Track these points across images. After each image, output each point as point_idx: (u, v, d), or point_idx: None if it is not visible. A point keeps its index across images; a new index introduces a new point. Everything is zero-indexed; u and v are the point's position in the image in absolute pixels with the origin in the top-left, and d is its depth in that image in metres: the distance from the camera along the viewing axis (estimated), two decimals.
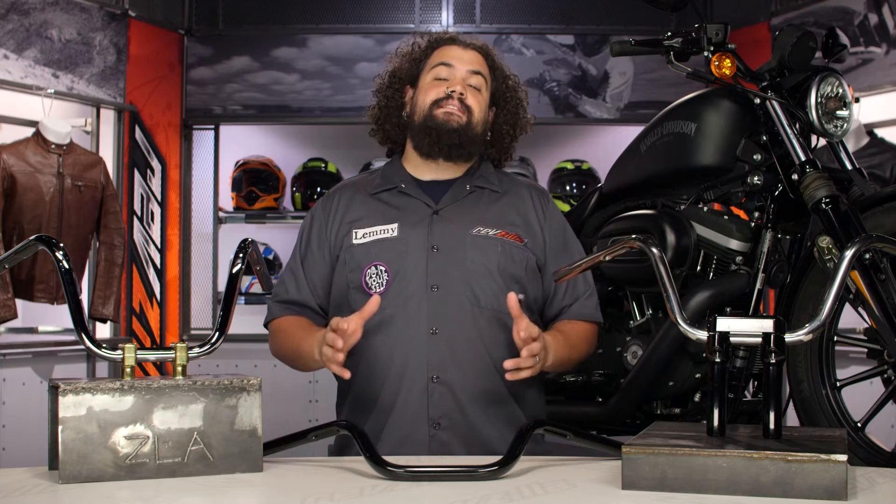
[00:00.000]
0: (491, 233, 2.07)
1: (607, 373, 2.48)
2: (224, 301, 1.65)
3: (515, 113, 2.21)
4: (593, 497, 1.37)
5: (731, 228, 2.28)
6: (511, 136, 2.22)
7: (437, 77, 2.13)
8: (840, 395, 2.10)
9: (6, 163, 4.01)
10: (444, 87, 2.11)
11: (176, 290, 5.26)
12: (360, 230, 2.08)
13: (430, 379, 1.98)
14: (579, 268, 1.83)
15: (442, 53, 2.16)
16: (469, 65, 2.14)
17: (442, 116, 2.08)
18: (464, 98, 2.09)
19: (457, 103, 2.09)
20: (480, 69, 2.15)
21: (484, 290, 2.02)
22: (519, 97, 2.22)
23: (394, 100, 2.19)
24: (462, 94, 2.09)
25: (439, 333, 1.99)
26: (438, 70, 2.14)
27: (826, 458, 1.28)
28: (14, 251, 1.61)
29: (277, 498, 1.40)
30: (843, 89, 2.18)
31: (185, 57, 5.33)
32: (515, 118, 2.21)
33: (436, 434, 1.97)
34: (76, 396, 1.41)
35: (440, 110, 2.09)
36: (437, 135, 2.08)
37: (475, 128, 2.11)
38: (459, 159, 2.13)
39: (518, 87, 2.23)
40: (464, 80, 2.12)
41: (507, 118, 2.20)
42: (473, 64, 2.15)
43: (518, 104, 2.21)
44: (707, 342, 1.45)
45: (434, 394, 1.98)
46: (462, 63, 2.14)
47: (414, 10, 5.34)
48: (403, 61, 2.21)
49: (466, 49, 2.17)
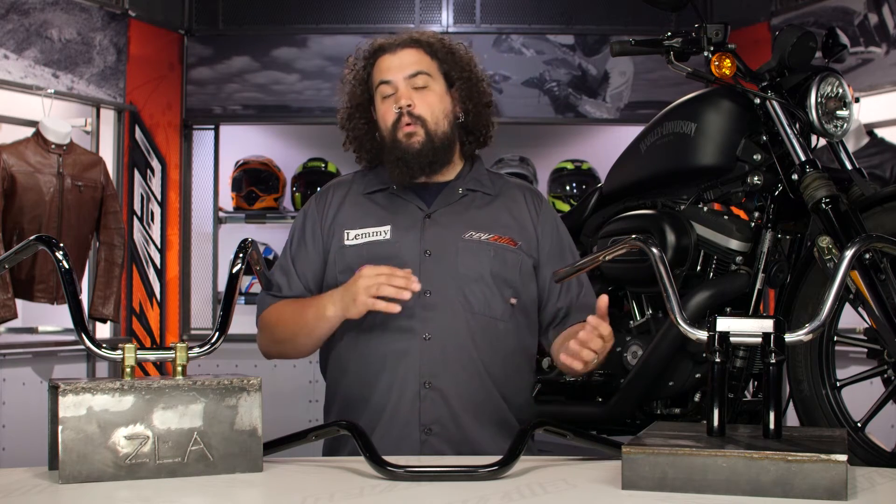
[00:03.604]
0: (483, 237, 2.05)
1: (607, 373, 2.48)
2: (224, 301, 1.65)
3: (471, 84, 2.13)
4: (593, 497, 1.37)
5: (731, 228, 2.28)
6: (476, 110, 2.13)
7: (384, 96, 2.08)
8: (840, 395, 2.10)
9: (6, 163, 4.01)
10: (392, 105, 2.06)
11: (176, 290, 5.26)
12: (351, 231, 2.07)
13: (421, 385, 1.97)
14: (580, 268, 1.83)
15: (378, 69, 2.10)
16: (404, 69, 2.07)
17: (404, 140, 2.04)
18: (412, 109, 2.04)
19: (408, 118, 2.04)
20: (418, 68, 2.07)
21: (476, 296, 2.01)
22: (468, 66, 2.13)
23: (360, 129, 2.15)
24: (409, 104, 2.04)
25: (432, 339, 1.98)
26: (382, 89, 2.08)
27: (826, 458, 1.28)
28: (14, 251, 1.61)
29: (277, 498, 1.40)
30: (843, 89, 2.18)
31: (185, 57, 5.32)
32: (473, 89, 2.13)
33: (427, 440, 1.96)
34: (76, 396, 1.41)
35: (400, 133, 2.05)
36: (405, 164, 2.05)
37: (436, 132, 2.06)
38: (438, 170, 2.10)
39: (467, 55, 2.14)
40: (407, 88, 2.06)
41: (465, 93, 2.12)
42: (409, 66, 2.07)
43: (469, 74, 2.13)
44: (707, 342, 1.45)
45: (426, 400, 1.97)
46: (398, 71, 2.07)
47: (414, 10, 5.34)
48: (354, 87, 2.16)
49: (397, 52, 2.10)
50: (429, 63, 2.10)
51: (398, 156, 2.05)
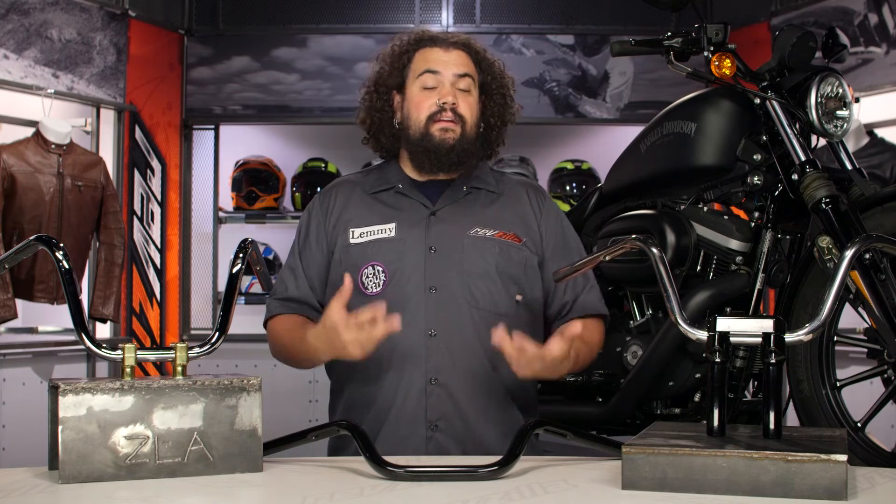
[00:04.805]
0: (488, 233, 2.06)
1: (607, 373, 2.48)
2: (224, 301, 1.65)
3: (503, 103, 2.16)
4: (593, 497, 1.37)
5: (731, 228, 2.28)
6: (499, 127, 2.16)
7: (425, 86, 2.08)
8: (840, 395, 2.10)
9: (6, 163, 4.01)
10: (434, 99, 2.06)
11: (176, 290, 5.26)
12: (356, 229, 2.08)
13: (427, 381, 1.98)
14: (579, 268, 1.83)
15: (425, 58, 2.10)
16: (455, 68, 2.08)
17: (438, 135, 2.05)
18: (456, 107, 2.05)
19: (450, 114, 2.05)
20: (467, 70, 2.09)
21: (482, 292, 2.02)
22: (505, 84, 2.16)
23: (383, 110, 2.15)
24: (454, 103, 2.05)
25: (437, 336, 1.98)
26: (425, 79, 2.08)
27: (826, 458, 1.28)
28: (14, 251, 1.61)
29: (277, 498, 1.40)
30: (843, 89, 2.18)
31: (185, 57, 5.33)
32: (503, 108, 2.16)
33: (433, 436, 1.97)
34: (76, 396, 1.41)
35: (436, 126, 2.05)
36: (436, 157, 2.06)
37: (469, 136, 2.07)
38: (459, 169, 2.11)
39: (503, 73, 2.17)
40: (453, 86, 2.07)
41: (495, 109, 2.15)
42: (459, 66, 2.09)
43: (505, 92, 2.16)
44: (707, 342, 1.45)
45: (432, 396, 1.98)
46: (448, 67, 2.08)
47: (414, 10, 5.34)
48: (386, 66, 2.15)
49: (449, 50, 2.11)
50: (474, 70, 2.12)
51: (428, 147, 2.06)
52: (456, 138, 2.05)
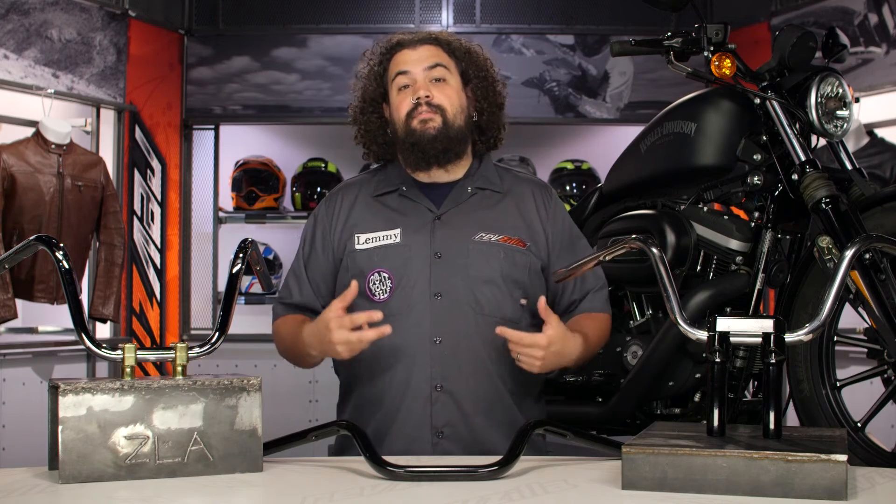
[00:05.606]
0: (493, 238, 2.05)
1: (607, 373, 2.49)
2: (224, 301, 1.65)
3: (486, 84, 2.15)
4: (593, 497, 1.37)
5: (731, 228, 2.28)
6: (489, 110, 2.15)
7: (401, 87, 2.10)
8: (840, 395, 2.10)
9: (6, 163, 4.01)
10: (409, 96, 2.07)
11: (176, 290, 5.26)
12: (362, 235, 2.07)
13: (433, 388, 1.97)
14: (579, 269, 1.83)
15: (396, 62, 2.12)
16: (424, 62, 2.09)
17: (419, 127, 2.05)
18: (430, 99, 2.06)
19: (425, 107, 2.05)
20: (437, 60, 2.10)
21: (487, 298, 2.01)
22: (485, 67, 2.16)
23: (373, 123, 2.16)
24: (427, 95, 2.06)
25: (443, 342, 1.98)
26: (399, 80, 2.10)
27: (826, 458, 1.28)
28: (14, 251, 1.61)
29: (277, 498, 1.40)
30: (843, 89, 2.18)
31: (185, 57, 5.32)
32: (487, 89, 2.15)
33: (439, 443, 1.97)
34: (76, 396, 1.41)
35: (415, 121, 2.06)
36: (420, 149, 2.06)
37: (453, 123, 2.07)
38: (452, 160, 2.10)
39: (480, 55, 2.17)
40: (426, 80, 2.08)
41: (480, 92, 2.14)
42: (428, 59, 2.09)
43: (485, 74, 2.15)
44: (707, 342, 1.45)
45: (437, 402, 1.97)
46: (417, 64, 2.09)
47: (414, 10, 5.34)
48: (368, 82, 2.17)
49: (416, 47, 2.12)
50: (447, 59, 2.12)
51: (412, 142, 2.06)
52: (438, 127, 2.05)
